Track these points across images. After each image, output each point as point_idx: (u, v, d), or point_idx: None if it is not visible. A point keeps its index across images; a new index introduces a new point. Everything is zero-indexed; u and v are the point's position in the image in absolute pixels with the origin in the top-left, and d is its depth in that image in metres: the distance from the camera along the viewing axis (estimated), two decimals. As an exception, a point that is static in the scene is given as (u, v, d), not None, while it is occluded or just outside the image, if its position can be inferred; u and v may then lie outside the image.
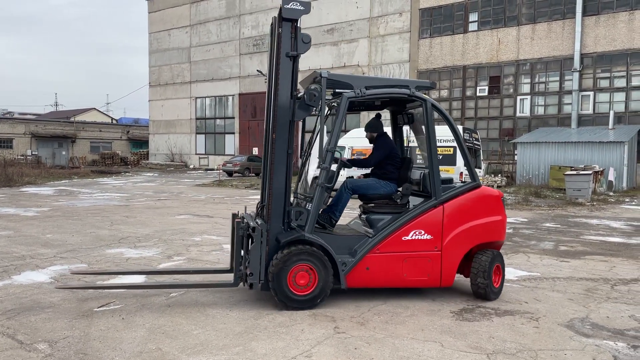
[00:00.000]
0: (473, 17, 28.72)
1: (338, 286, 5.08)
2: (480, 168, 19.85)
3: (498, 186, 21.43)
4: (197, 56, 41.58)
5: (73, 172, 31.32)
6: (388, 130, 6.19)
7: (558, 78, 26.52)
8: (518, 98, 27.69)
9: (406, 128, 6.42)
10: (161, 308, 4.92)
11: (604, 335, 4.40)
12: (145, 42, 65.08)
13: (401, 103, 6.04)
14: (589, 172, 17.36)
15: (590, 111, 25.66)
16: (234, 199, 16.83)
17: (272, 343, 4.08)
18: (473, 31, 28.73)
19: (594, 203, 16.21)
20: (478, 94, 28.87)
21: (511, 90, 27.91)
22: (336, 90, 5.44)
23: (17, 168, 26.95)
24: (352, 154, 19.28)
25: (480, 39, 28.49)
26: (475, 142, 18.36)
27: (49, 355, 3.80)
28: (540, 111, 27.30)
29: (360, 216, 5.86)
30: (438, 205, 5.28)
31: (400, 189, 5.67)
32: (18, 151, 45.16)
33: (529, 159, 23.13)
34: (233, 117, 40.13)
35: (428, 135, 5.41)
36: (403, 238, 5.18)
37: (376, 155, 5.74)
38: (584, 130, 24.48)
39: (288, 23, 4.98)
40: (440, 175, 5.38)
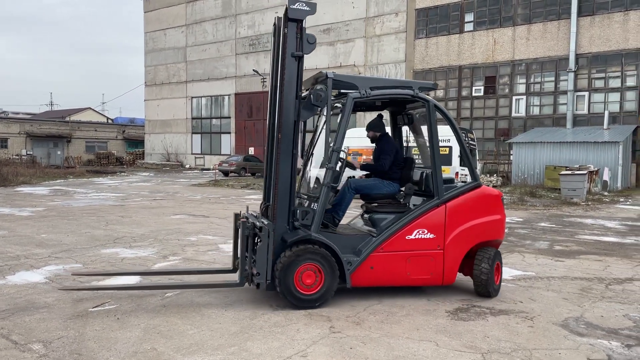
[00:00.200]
0: (469, 18, 28.78)
1: (342, 285, 5.10)
2: (475, 168, 19.89)
3: (494, 186, 21.48)
4: (193, 56, 41.51)
5: (68, 172, 31.22)
6: (387, 130, 6.22)
7: (553, 78, 26.60)
8: (513, 98, 27.76)
9: (405, 129, 6.48)
10: (156, 308, 4.91)
11: (598, 334, 4.42)
12: (140, 42, 64.97)
13: (401, 104, 6.08)
14: (584, 172, 17.43)
15: (585, 111, 25.75)
16: (230, 199, 16.81)
17: (268, 343, 4.08)
18: (469, 31, 28.78)
19: (589, 203, 16.28)
20: (474, 94, 28.94)
21: (507, 90, 27.98)
22: (341, 90, 5.48)
23: (12, 168, 26.83)
24: (348, 154, 19.32)
25: (476, 39, 28.55)
26: (470, 142, 18.40)
27: (44, 355, 3.79)
28: (535, 111, 27.38)
29: (362, 216, 5.90)
30: (440, 204, 5.36)
31: (402, 189, 5.74)
32: (13, 151, 44.96)
33: (525, 159, 23.20)
34: (229, 117, 40.08)
35: (431, 135, 5.47)
36: (407, 237, 5.24)
37: (387, 160, 5.75)
38: (579, 130, 24.58)
39: (293, 23, 5.01)
40: (442, 175, 5.46)
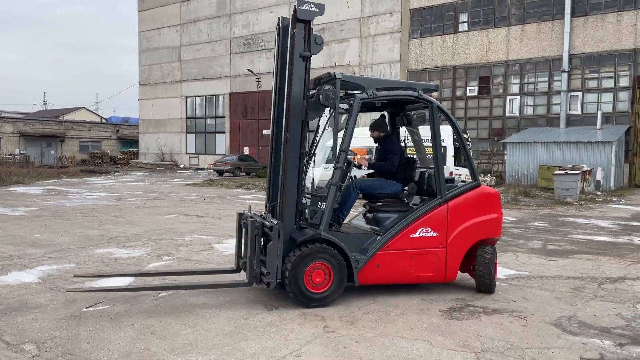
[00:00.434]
0: (463, 18, 28.85)
1: (349, 284, 5.14)
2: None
3: (488, 186, 21.53)
4: (188, 55, 41.39)
5: (62, 172, 31.08)
6: None
7: (547, 78, 26.70)
8: (507, 98, 27.86)
9: (403, 129, 6.61)
10: (150, 308, 4.90)
11: (591, 333, 4.44)
12: (135, 41, 64.68)
13: (400, 105, 6.17)
14: (577, 172, 17.52)
15: (578, 111, 25.87)
16: (225, 199, 16.78)
17: (262, 343, 4.08)
18: (463, 31, 28.85)
19: (582, 202, 16.36)
20: (468, 94, 29.01)
21: (501, 90, 28.07)
22: (348, 91, 5.52)
23: (5, 167, 26.71)
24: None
25: (470, 40, 28.63)
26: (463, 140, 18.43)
27: (36, 356, 3.77)
28: (529, 111, 27.49)
29: (365, 215, 5.99)
30: (443, 203, 5.50)
31: (406, 188, 5.85)
32: (6, 150, 44.66)
33: (518, 159, 23.30)
34: (224, 117, 40.00)
35: (434, 136, 5.62)
36: (411, 235, 5.36)
37: (395, 159, 5.84)
38: (573, 130, 24.70)
39: (302, 24, 5.05)
40: (444, 174, 5.61)
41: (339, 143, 5.22)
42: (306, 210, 5.18)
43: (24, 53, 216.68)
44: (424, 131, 6.65)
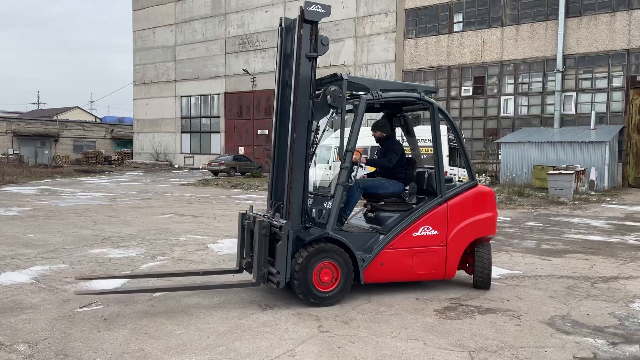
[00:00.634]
0: (458, 18, 28.91)
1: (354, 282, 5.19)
2: (464, 167, 20.01)
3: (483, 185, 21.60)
4: (182, 55, 41.28)
5: (56, 172, 30.93)
6: None
7: (541, 79, 26.80)
8: (502, 98, 27.94)
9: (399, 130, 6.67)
10: (144, 308, 4.88)
11: (584, 332, 4.46)
12: (129, 40, 64.46)
13: (397, 106, 6.25)
14: (571, 172, 17.60)
15: (572, 111, 25.98)
16: (220, 198, 16.75)
17: (256, 342, 4.07)
18: (458, 32, 28.91)
19: (576, 202, 16.43)
20: (462, 94, 29.07)
21: (495, 90, 28.15)
22: (353, 92, 5.58)
23: (-2, 167, 26.53)
24: (338, 153, 19.34)
25: (464, 40, 28.70)
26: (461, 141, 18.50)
27: (29, 356, 3.75)
28: (523, 111, 27.58)
29: (366, 214, 6.07)
30: (443, 202, 5.62)
31: (407, 188, 5.96)
32: (-1, 150, 44.46)
33: (513, 159, 23.38)
34: (218, 116, 39.92)
35: (435, 137, 5.74)
36: (413, 234, 5.47)
37: (393, 157, 5.94)
38: (566, 130, 24.80)
39: (308, 25, 5.08)
40: (444, 174, 5.74)
41: (345, 143, 5.26)
42: (313, 209, 5.25)
43: (18, 52, 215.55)
44: (418, 132, 6.74)
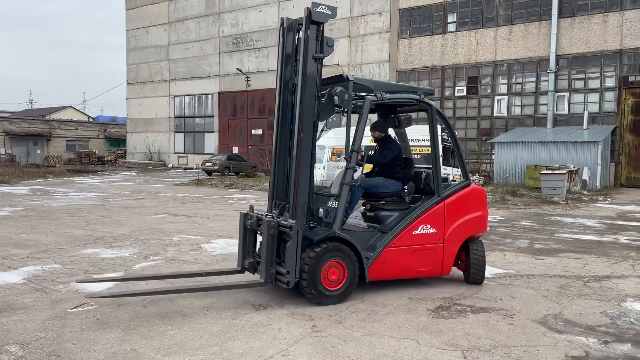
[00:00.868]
0: (452, 18, 28.98)
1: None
2: (457, 167, 20.08)
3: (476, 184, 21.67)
4: (176, 54, 41.16)
5: (48, 171, 30.76)
6: None
7: (534, 79, 26.92)
8: (495, 98, 28.04)
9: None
10: (137, 309, 4.86)
11: (576, 331, 4.48)
12: (122, 40, 64.18)
13: (393, 107, 6.33)
14: (564, 172, 17.68)
15: (565, 112, 26.12)
16: (214, 198, 16.71)
17: (249, 342, 4.07)
18: (451, 32, 28.99)
19: (569, 202, 16.51)
20: (456, 94, 29.16)
21: (489, 90, 28.25)
22: (356, 93, 5.62)
23: (-10, 167, 26.34)
24: (333, 153, 19.36)
25: (458, 40, 28.78)
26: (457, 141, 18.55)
27: (21, 357, 3.73)
28: (517, 111, 27.69)
29: (365, 213, 6.15)
30: (440, 201, 5.77)
31: (406, 188, 6.06)
32: (-9, 150, 44.13)
33: (506, 159, 23.46)
34: (212, 116, 39.83)
35: (433, 138, 5.92)
36: (413, 232, 5.60)
37: (388, 154, 6.04)
38: (559, 130, 24.92)
39: (314, 26, 5.11)
40: (441, 174, 5.88)
41: (351, 143, 5.30)
42: (320, 209, 5.32)
43: (10, 51, 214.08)
44: (413, 132, 6.80)
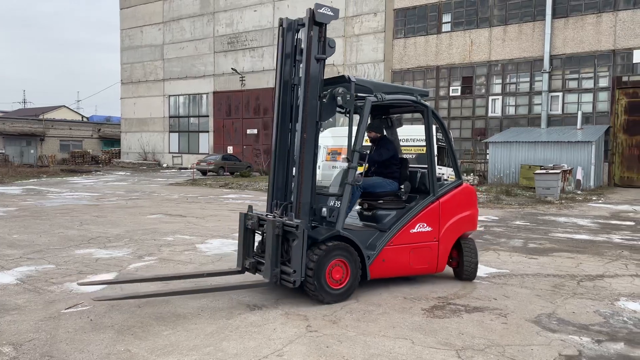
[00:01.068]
0: (446, 18, 29.04)
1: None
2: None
3: (470, 185, 21.73)
4: (171, 54, 41.03)
5: (42, 171, 30.61)
6: None
7: (528, 79, 27.01)
8: (490, 98, 28.12)
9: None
10: (130, 309, 4.84)
11: (570, 330, 4.51)
12: (116, 39, 63.93)
13: (386, 108, 6.40)
14: (558, 171, 17.76)
15: (559, 111, 26.22)
16: (208, 198, 16.68)
17: (244, 343, 4.06)
18: (446, 32, 29.04)
19: (563, 201, 16.58)
20: (451, 94, 29.22)
21: (483, 90, 28.33)
22: (357, 94, 5.65)
23: (-17, 167, 26.18)
24: (328, 153, 19.37)
25: (453, 40, 28.84)
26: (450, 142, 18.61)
27: (14, 358, 3.71)
28: (511, 111, 27.78)
29: (361, 212, 6.20)
30: (435, 200, 5.89)
31: (402, 187, 6.12)
32: (-16, 149, 43.85)
33: (500, 158, 23.53)
34: (207, 116, 39.73)
35: (428, 138, 6.03)
36: (410, 231, 5.71)
37: (384, 153, 6.13)
38: (553, 130, 25.02)
39: (316, 27, 5.16)
40: (436, 174, 5.99)
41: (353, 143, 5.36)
42: (323, 208, 5.38)
43: (3, 50, 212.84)
44: (408, 132, 6.85)
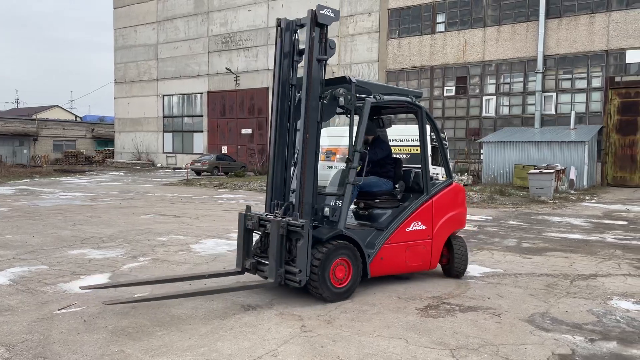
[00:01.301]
0: (440, 18, 29.11)
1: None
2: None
3: (465, 184, 21.80)
4: (165, 53, 40.90)
5: (35, 171, 30.44)
6: None
7: (522, 79, 27.13)
8: (484, 98, 28.22)
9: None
10: (124, 309, 4.82)
11: (563, 329, 4.53)
12: (110, 38, 63.65)
13: (380, 109, 6.46)
14: (551, 171, 17.85)
15: (552, 111, 26.35)
16: (203, 198, 16.64)
17: (238, 343, 4.05)
18: (440, 32, 29.12)
19: (556, 201, 16.66)
20: (445, 94, 29.30)
21: (477, 90, 28.42)
22: (357, 95, 5.69)
23: (-25, 167, 26.02)
24: (323, 153, 19.38)
25: (447, 40, 28.91)
26: (443, 142, 18.66)
27: (7, 359, 3.68)
28: (505, 111, 27.89)
29: (357, 211, 6.26)
30: (429, 199, 6.02)
31: (397, 186, 6.22)
32: (-24, 149, 43.55)
33: (494, 158, 23.62)
34: (201, 116, 39.65)
35: (422, 139, 6.15)
36: (406, 229, 5.80)
37: (379, 152, 6.20)
38: (547, 130, 25.14)
39: (318, 28, 5.22)
40: (430, 173, 6.10)
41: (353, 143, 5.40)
42: (325, 208, 5.43)
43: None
44: (402, 132, 6.89)
